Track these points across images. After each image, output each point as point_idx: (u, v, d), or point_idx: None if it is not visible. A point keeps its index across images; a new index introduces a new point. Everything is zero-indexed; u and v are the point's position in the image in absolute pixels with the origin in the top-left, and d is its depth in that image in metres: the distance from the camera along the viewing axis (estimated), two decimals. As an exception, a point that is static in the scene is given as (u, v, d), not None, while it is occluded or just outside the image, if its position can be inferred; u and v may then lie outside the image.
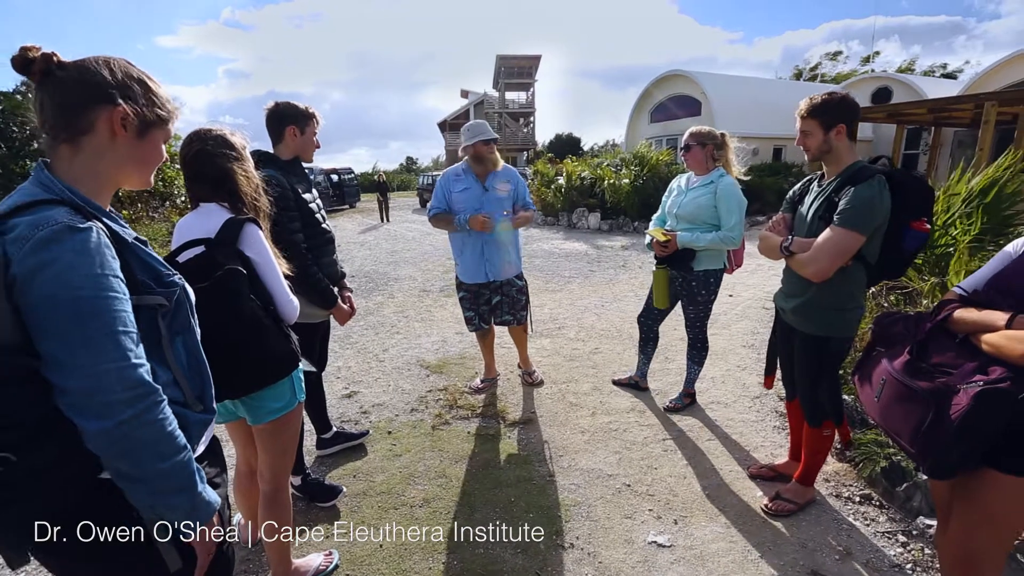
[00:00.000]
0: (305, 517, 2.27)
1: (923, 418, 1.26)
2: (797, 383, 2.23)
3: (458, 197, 3.13)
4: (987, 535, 1.34)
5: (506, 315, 3.35)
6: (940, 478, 1.44)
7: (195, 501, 0.92)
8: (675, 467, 2.64)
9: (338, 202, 19.65)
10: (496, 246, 3.16)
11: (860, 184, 1.83)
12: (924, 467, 1.32)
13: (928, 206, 1.89)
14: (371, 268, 8.09)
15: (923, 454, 1.28)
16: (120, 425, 0.80)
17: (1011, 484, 1.27)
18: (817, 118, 1.94)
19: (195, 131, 1.51)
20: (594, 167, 13.83)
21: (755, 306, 5.53)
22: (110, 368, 0.80)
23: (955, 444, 1.21)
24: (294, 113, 2.17)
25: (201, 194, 1.51)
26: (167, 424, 0.87)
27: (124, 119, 0.91)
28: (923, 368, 1.34)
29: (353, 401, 3.41)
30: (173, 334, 0.97)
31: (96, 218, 0.87)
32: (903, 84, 18.56)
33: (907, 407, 1.32)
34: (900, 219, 1.86)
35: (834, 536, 2.13)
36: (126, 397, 0.81)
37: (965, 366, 1.27)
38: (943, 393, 1.24)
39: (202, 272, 1.33)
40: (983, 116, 9.00)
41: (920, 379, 1.31)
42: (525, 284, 3.41)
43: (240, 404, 1.55)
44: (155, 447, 0.85)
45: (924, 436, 1.26)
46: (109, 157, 0.93)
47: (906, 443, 1.33)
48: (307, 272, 2.11)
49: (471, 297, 3.31)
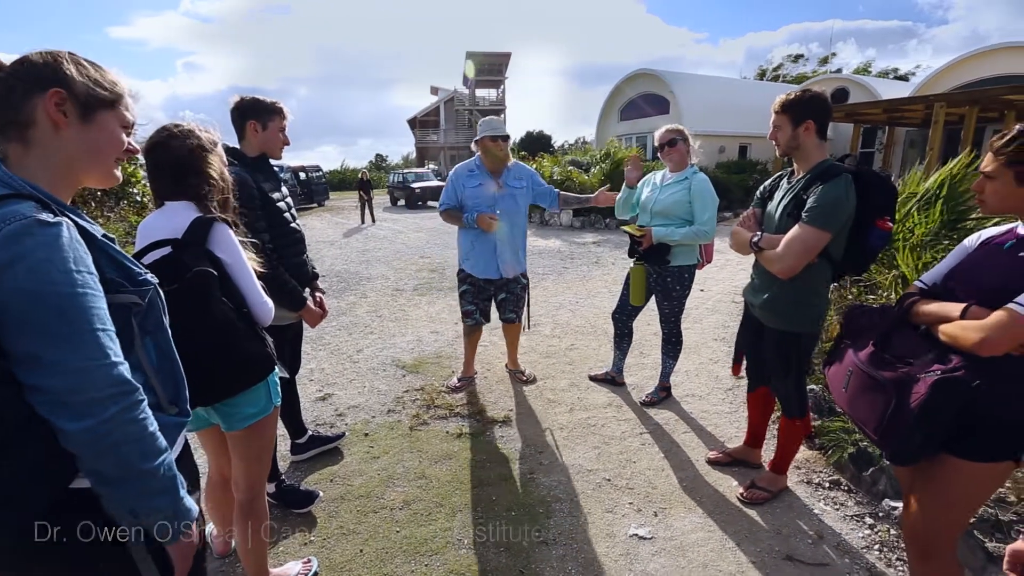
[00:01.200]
0: (281, 525, 2.21)
1: (886, 406, 1.31)
2: (771, 377, 2.28)
3: (471, 193, 3.14)
4: (944, 516, 1.40)
5: (510, 312, 3.41)
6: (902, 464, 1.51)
7: (178, 505, 0.89)
8: (653, 460, 2.68)
9: (306, 200, 19.27)
10: (507, 245, 3.20)
11: (828, 183, 1.88)
12: (887, 454, 1.37)
13: (892, 205, 1.94)
14: (342, 267, 7.94)
15: (885, 441, 1.33)
16: (104, 423, 0.78)
17: (967, 468, 1.33)
18: (788, 113, 1.98)
19: (163, 125, 1.44)
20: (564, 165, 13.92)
21: (725, 300, 5.66)
22: (93, 365, 0.77)
23: (915, 431, 1.26)
24: (256, 107, 2.09)
25: (163, 191, 1.44)
26: (149, 423, 0.84)
27: (60, 104, 0.87)
28: (886, 359, 1.38)
29: (328, 404, 3.34)
30: (145, 334, 0.94)
31: (63, 214, 0.82)
32: (859, 85, 19.34)
33: (871, 396, 1.37)
34: (865, 217, 1.91)
35: (806, 521, 2.20)
36: (110, 394, 0.79)
37: (925, 356, 1.32)
38: (904, 382, 1.29)
39: (169, 275, 1.27)
40: (933, 116, 9.46)
41: (884, 369, 1.36)
42: (528, 283, 3.45)
43: (213, 410, 1.49)
44: (139, 446, 0.82)
45: (887, 424, 1.31)
46: (58, 149, 0.88)
47: (871, 431, 1.38)
48: (272, 273, 2.04)
49: (475, 291, 3.32)
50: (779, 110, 2.01)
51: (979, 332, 1.22)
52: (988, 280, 1.29)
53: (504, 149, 3.12)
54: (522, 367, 3.75)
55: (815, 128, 1.97)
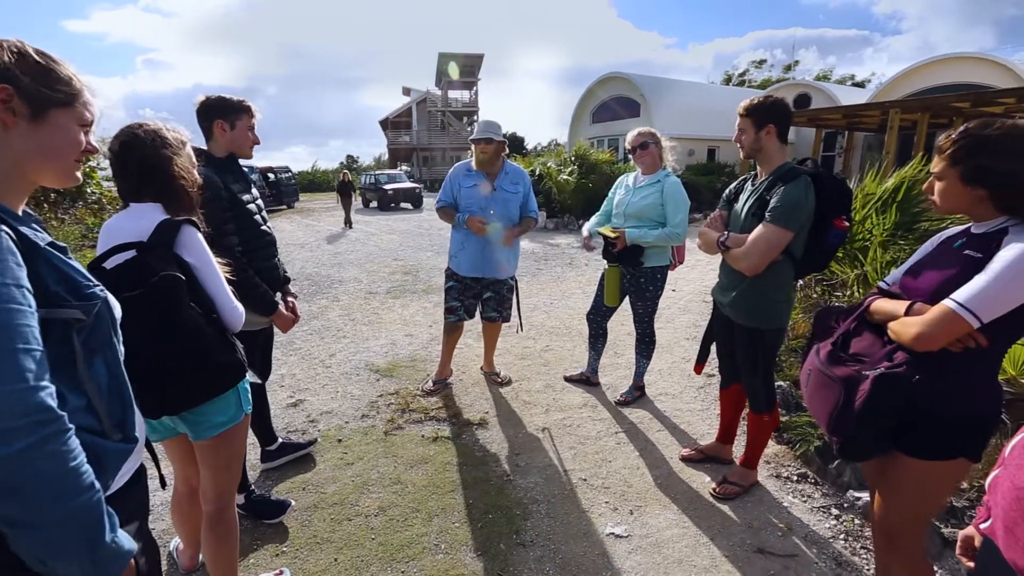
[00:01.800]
0: (252, 536, 2.14)
1: (835, 403, 1.34)
2: (740, 373, 2.34)
3: (466, 193, 3.19)
4: (903, 512, 1.44)
5: (493, 311, 3.43)
6: (851, 459, 1.56)
7: (98, 554, 0.77)
8: (628, 459, 2.71)
9: (275, 202, 18.84)
10: (496, 245, 3.22)
11: (789, 184, 1.96)
12: (836, 449, 1.39)
13: (847, 205, 2.04)
14: (313, 271, 7.78)
15: (835, 437, 1.37)
16: (11, 458, 0.68)
17: (917, 466, 1.37)
18: (751, 117, 2.07)
19: (129, 124, 1.38)
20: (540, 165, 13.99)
21: (696, 300, 5.79)
22: (4, 391, 0.68)
23: (861, 427, 1.29)
24: (222, 106, 2.03)
25: (129, 192, 1.39)
26: (70, 458, 0.73)
27: (7, 101, 0.80)
28: (842, 357, 1.42)
29: (299, 410, 3.26)
30: (90, 353, 0.85)
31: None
32: (820, 91, 20.07)
33: (825, 393, 1.40)
34: (823, 217, 2.01)
35: (776, 514, 2.26)
36: (22, 424, 0.68)
37: (877, 353, 1.36)
38: (854, 380, 1.32)
39: (134, 279, 1.22)
40: (888, 122, 9.88)
41: (837, 367, 1.39)
42: (516, 284, 3.47)
43: (180, 419, 1.43)
44: (53, 485, 0.71)
45: (835, 420, 1.34)
46: (6, 150, 0.82)
47: (824, 427, 1.41)
48: (242, 277, 1.99)
49: (460, 288, 3.34)
50: (743, 114, 2.08)
51: (916, 327, 1.26)
52: (935, 278, 1.33)
53: (487, 152, 3.13)
54: (497, 369, 3.74)
55: (776, 132, 2.05)
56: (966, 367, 1.28)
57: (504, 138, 3.20)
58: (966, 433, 1.32)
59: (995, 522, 0.82)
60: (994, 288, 1.15)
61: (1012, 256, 1.15)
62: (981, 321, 1.17)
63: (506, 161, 3.28)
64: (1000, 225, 1.25)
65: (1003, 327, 1.19)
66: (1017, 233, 1.20)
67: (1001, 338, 1.25)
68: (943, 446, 1.34)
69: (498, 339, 3.73)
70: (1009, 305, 1.16)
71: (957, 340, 1.23)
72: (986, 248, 1.24)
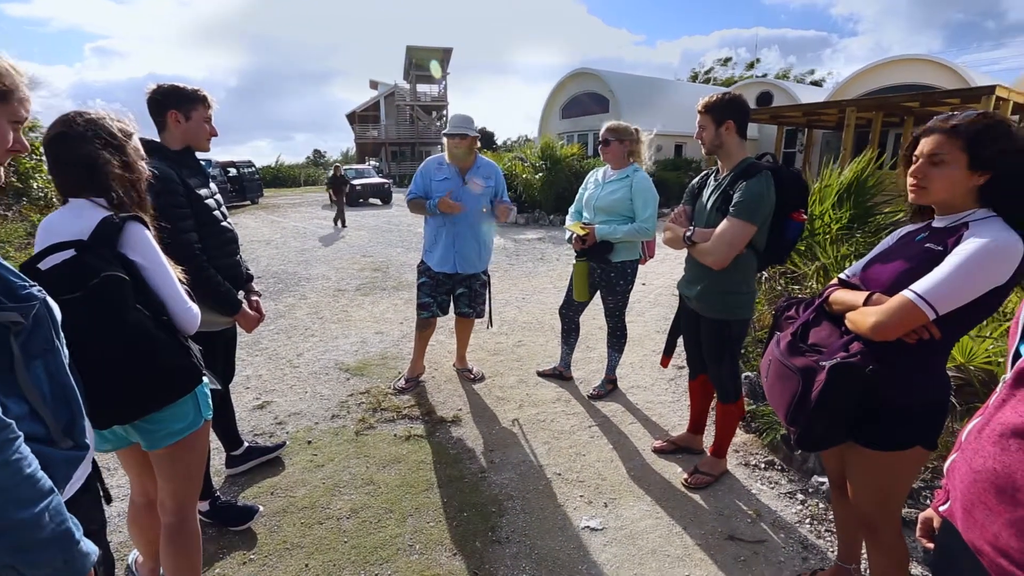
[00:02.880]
0: (217, 545, 2.06)
1: (793, 393, 1.36)
2: (707, 364, 2.39)
3: (437, 186, 3.17)
4: (874, 501, 1.48)
5: (466, 307, 3.42)
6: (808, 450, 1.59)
7: (69, 554, 0.76)
8: (602, 452, 2.73)
9: (238, 198, 18.21)
10: (467, 239, 3.21)
11: (751, 179, 2.01)
12: (794, 440, 1.40)
13: (804, 199, 2.10)
14: (279, 268, 7.56)
15: (792, 426, 1.38)
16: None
17: (874, 456, 1.40)
18: (710, 114, 2.10)
19: (66, 113, 1.28)
20: (508, 161, 13.97)
21: (665, 293, 5.88)
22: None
23: (817, 417, 1.31)
24: (176, 95, 1.92)
25: (67, 187, 1.29)
26: (25, 465, 0.71)
27: None
28: (801, 347, 1.44)
29: (266, 412, 3.16)
30: (30, 357, 0.80)
31: None
32: (782, 89, 20.67)
33: (784, 384, 1.41)
34: (782, 210, 2.06)
35: (745, 501, 2.32)
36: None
37: (834, 344, 1.38)
38: (811, 370, 1.33)
39: (72, 280, 1.14)
40: (845, 120, 10.26)
41: (796, 357, 1.40)
42: (488, 279, 3.46)
43: (132, 428, 1.35)
44: (13, 493, 0.69)
45: (793, 410, 1.35)
46: None
47: (782, 417, 1.43)
48: (202, 276, 1.90)
49: (433, 284, 3.31)
50: (702, 111, 2.12)
51: (873, 316, 1.28)
52: (895, 269, 1.36)
53: (461, 147, 3.12)
54: (470, 365, 3.72)
55: (735, 127, 2.10)
56: (918, 357, 1.32)
57: (477, 133, 3.18)
58: (919, 422, 1.36)
59: (953, 504, 0.85)
60: (952, 281, 1.18)
61: (971, 249, 1.18)
62: (937, 313, 1.19)
63: (478, 156, 3.27)
64: (961, 219, 1.28)
65: (956, 319, 1.23)
66: (977, 227, 1.22)
67: (953, 330, 1.28)
68: (898, 436, 1.37)
69: (470, 335, 3.71)
70: (965, 298, 1.18)
71: (912, 331, 1.26)
72: (946, 241, 1.27)
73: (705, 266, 2.15)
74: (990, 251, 1.16)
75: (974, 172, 1.24)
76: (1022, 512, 0.68)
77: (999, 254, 1.16)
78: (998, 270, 1.16)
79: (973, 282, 1.17)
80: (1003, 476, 0.72)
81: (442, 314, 3.41)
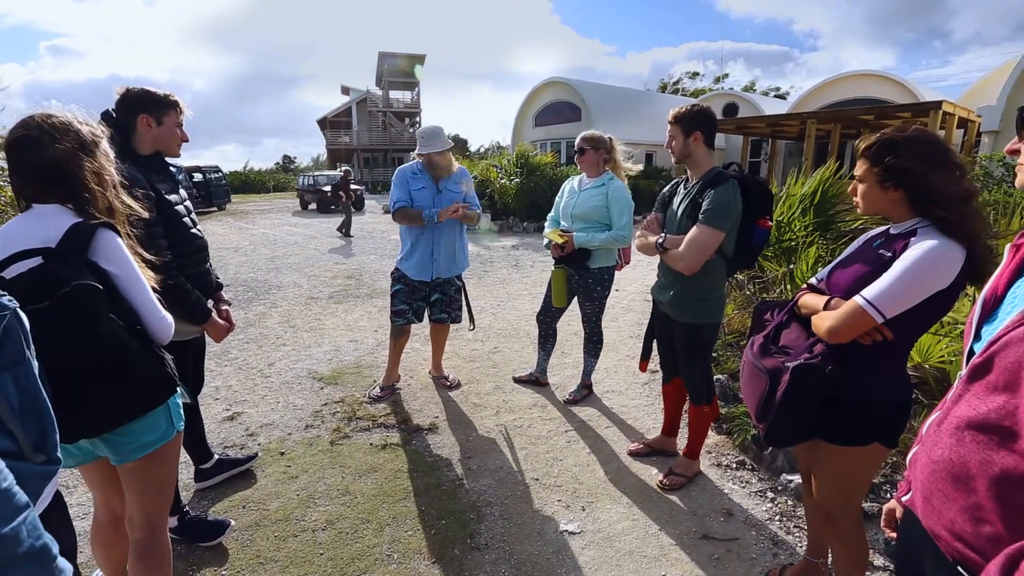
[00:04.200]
0: (186, 562, 1.99)
1: (762, 392, 1.42)
2: (680, 367, 2.45)
3: (416, 195, 3.17)
4: (832, 494, 1.55)
5: (442, 313, 3.40)
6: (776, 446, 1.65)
7: (48, 570, 0.73)
8: (579, 456, 2.76)
9: (204, 203, 17.69)
10: (446, 246, 3.22)
11: (718, 187, 2.08)
12: (763, 437, 1.47)
13: (769, 206, 2.19)
14: (249, 276, 7.38)
15: (761, 423, 1.45)
16: None
17: (836, 452, 1.47)
18: (680, 124, 2.18)
19: (30, 114, 1.24)
20: (483, 169, 14.00)
21: (639, 299, 5.99)
22: None
23: (782, 415, 1.37)
24: (148, 100, 1.87)
25: (30, 192, 1.24)
26: (1, 480, 0.69)
27: None
28: (771, 349, 1.51)
29: (237, 423, 3.08)
30: (2, 369, 0.78)
31: None
32: (746, 101, 21.38)
33: (754, 383, 1.48)
34: (749, 218, 2.14)
35: (718, 501, 2.38)
36: None
37: (801, 346, 1.45)
38: (778, 370, 1.40)
39: (39, 290, 1.10)
40: (806, 131, 10.69)
41: (767, 358, 1.47)
42: (463, 284, 3.46)
43: (100, 441, 1.30)
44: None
45: (761, 408, 1.42)
46: None
47: (752, 415, 1.50)
48: (172, 283, 1.85)
49: (408, 291, 3.28)
50: (672, 122, 2.20)
51: (828, 321, 1.36)
52: (852, 275, 1.43)
53: (446, 159, 3.19)
54: (446, 372, 3.71)
55: (703, 138, 2.18)
56: (875, 358, 1.39)
57: (452, 142, 3.24)
58: (878, 420, 1.43)
59: (915, 494, 0.90)
60: (896, 286, 1.25)
61: (914, 256, 1.25)
62: (884, 316, 1.27)
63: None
64: (911, 226, 1.35)
65: (908, 321, 1.30)
66: (924, 234, 1.30)
67: (907, 331, 1.36)
68: (858, 433, 1.43)
69: (446, 342, 3.70)
70: (911, 301, 1.25)
71: (865, 333, 1.33)
72: (895, 247, 1.34)
73: (677, 272, 2.21)
74: (930, 257, 1.24)
75: (884, 189, 1.35)
76: (975, 499, 0.73)
77: (939, 260, 1.23)
78: (939, 274, 1.24)
79: (916, 287, 1.24)
80: (958, 465, 0.77)
81: (417, 321, 3.39)
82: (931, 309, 1.29)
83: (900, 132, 1.35)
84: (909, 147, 1.31)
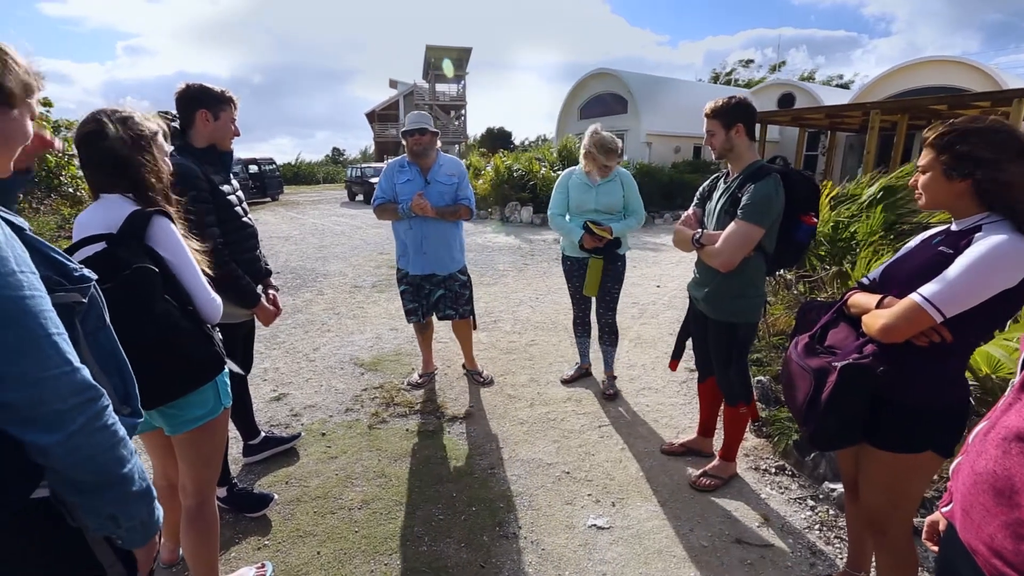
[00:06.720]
0: (233, 530, 2.13)
1: (807, 392, 1.37)
2: (714, 366, 2.38)
3: (402, 188, 3.12)
4: (880, 501, 1.48)
5: (448, 309, 3.32)
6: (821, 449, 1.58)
7: (151, 507, 0.88)
8: (611, 452, 2.74)
9: (259, 194, 18.57)
10: (435, 240, 3.14)
11: (759, 182, 2.00)
12: (807, 439, 1.42)
13: (815, 201, 2.09)
14: (297, 264, 7.70)
15: (805, 425, 1.39)
16: (75, 435, 0.74)
17: (885, 458, 1.40)
18: (719, 119, 2.10)
19: (97, 110, 1.35)
20: (525, 161, 13.99)
21: (680, 295, 5.84)
22: (54, 375, 0.72)
23: (828, 416, 1.31)
24: (206, 96, 1.99)
25: (98, 183, 1.36)
26: (118, 427, 0.81)
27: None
28: (817, 349, 1.45)
29: (283, 404, 3.24)
30: (89, 334, 0.88)
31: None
32: (804, 91, 20.32)
33: (798, 384, 1.43)
34: (792, 213, 2.05)
35: (754, 505, 2.31)
36: (76, 403, 0.75)
37: (850, 346, 1.39)
38: (825, 370, 1.34)
39: (104, 272, 1.20)
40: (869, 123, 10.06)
41: (812, 358, 1.41)
42: (469, 279, 3.39)
43: (157, 413, 1.41)
44: (114, 452, 0.79)
45: (806, 409, 1.37)
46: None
47: (796, 416, 1.45)
48: (224, 269, 1.96)
49: (413, 289, 3.29)
50: (710, 116, 2.12)
51: (883, 319, 1.28)
52: (909, 273, 1.36)
53: (421, 144, 3.03)
54: (480, 367, 3.66)
55: (744, 130, 2.09)
56: (932, 361, 1.31)
57: (437, 130, 3.13)
58: (932, 426, 1.35)
59: (955, 506, 0.85)
60: (958, 283, 1.17)
61: (980, 251, 1.17)
62: (944, 315, 1.19)
63: (440, 153, 3.19)
64: (975, 222, 1.26)
65: (969, 323, 1.22)
66: (990, 230, 1.21)
67: (967, 334, 1.27)
68: (910, 439, 1.36)
69: (472, 336, 3.60)
70: (972, 301, 1.17)
71: (922, 334, 1.25)
72: (958, 245, 1.26)
73: (713, 268, 2.15)
74: (998, 253, 1.15)
75: (950, 180, 1.26)
76: (1018, 514, 0.68)
77: (1005, 256, 1.14)
78: (1005, 272, 1.15)
79: (979, 285, 1.16)
80: (1002, 478, 0.72)
81: (431, 315, 3.37)
82: (995, 310, 1.21)
83: (972, 121, 1.26)
84: (982, 135, 1.22)
